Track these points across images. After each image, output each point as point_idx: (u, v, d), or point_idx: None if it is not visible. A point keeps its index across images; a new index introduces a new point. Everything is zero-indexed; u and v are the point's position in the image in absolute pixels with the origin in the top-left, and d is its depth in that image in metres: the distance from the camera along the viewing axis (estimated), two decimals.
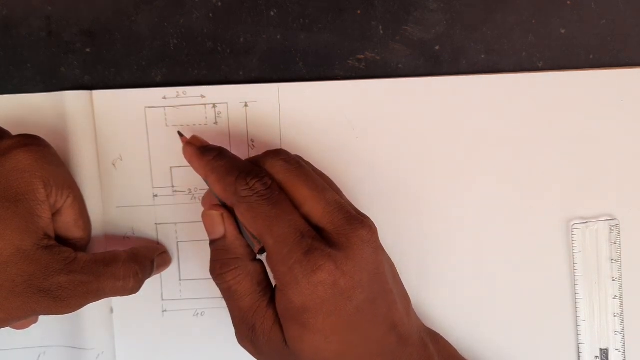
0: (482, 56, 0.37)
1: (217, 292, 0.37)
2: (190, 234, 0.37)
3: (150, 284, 0.36)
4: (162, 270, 0.36)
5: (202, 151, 0.31)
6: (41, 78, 0.36)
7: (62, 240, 0.32)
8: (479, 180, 0.37)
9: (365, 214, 0.30)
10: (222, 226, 0.31)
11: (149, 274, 0.33)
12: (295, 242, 0.28)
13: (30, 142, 0.30)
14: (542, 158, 0.37)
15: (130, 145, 0.36)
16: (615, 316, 0.37)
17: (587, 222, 0.37)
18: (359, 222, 0.29)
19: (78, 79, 0.36)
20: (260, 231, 0.29)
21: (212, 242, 0.31)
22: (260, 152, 0.31)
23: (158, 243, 0.37)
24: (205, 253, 0.37)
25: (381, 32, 0.36)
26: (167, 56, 0.36)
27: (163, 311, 0.37)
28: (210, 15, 0.36)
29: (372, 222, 0.30)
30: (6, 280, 0.28)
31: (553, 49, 0.36)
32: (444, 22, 0.36)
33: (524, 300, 0.37)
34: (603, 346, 0.37)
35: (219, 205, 0.31)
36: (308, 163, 0.32)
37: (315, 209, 0.29)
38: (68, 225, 0.32)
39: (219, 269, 0.31)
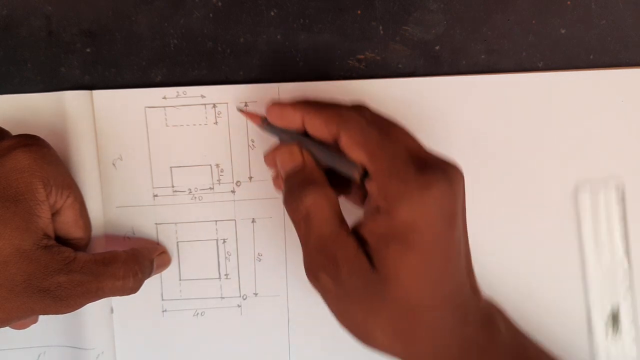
0: (482, 56, 0.37)
1: (216, 291, 0.37)
2: (190, 234, 0.37)
3: (150, 284, 0.36)
4: (161, 270, 0.36)
5: (285, 102, 0.31)
6: (41, 78, 0.36)
7: (62, 240, 0.32)
8: (478, 181, 0.37)
9: None
10: (301, 156, 0.31)
11: (148, 274, 0.33)
12: (409, 160, 0.28)
13: (30, 142, 0.30)
14: (542, 158, 0.37)
15: (130, 145, 0.36)
16: (624, 274, 0.36)
17: (594, 182, 0.36)
18: (450, 159, 0.30)
19: (78, 79, 0.36)
20: (371, 149, 0.29)
21: (288, 175, 0.31)
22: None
23: (158, 243, 0.37)
24: (205, 253, 0.37)
25: (381, 32, 0.36)
26: (167, 56, 0.36)
27: (163, 311, 0.37)
28: (211, 15, 0.36)
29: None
30: (6, 279, 0.28)
31: (553, 49, 0.36)
32: (444, 22, 0.36)
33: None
34: (613, 305, 0.37)
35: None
36: None
37: (413, 143, 0.30)
38: (68, 225, 0.32)
39: (298, 191, 0.29)
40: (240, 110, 0.35)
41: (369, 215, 0.29)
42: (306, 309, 0.37)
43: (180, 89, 0.36)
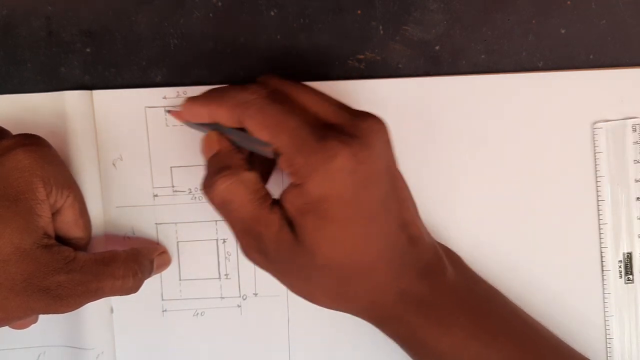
0: (482, 56, 0.37)
1: (217, 291, 0.37)
2: (191, 234, 0.37)
3: (150, 284, 0.36)
4: (161, 270, 0.36)
5: (194, 97, 0.31)
6: (41, 78, 0.36)
7: (62, 240, 0.32)
8: (478, 181, 0.37)
9: None
10: (218, 144, 0.31)
11: (148, 274, 0.33)
12: (309, 132, 0.28)
13: (31, 142, 0.30)
14: (543, 157, 0.37)
15: (130, 145, 0.36)
16: (639, 219, 0.36)
17: (609, 121, 0.36)
18: (367, 114, 0.29)
19: (78, 78, 0.36)
20: (272, 129, 0.28)
21: (206, 164, 0.31)
22: None
23: (158, 243, 0.37)
24: (205, 253, 0.37)
25: (381, 32, 0.36)
26: (167, 56, 0.36)
27: (163, 311, 0.37)
28: (210, 15, 0.36)
29: (380, 117, 0.30)
30: (5, 279, 0.28)
31: (553, 49, 0.37)
32: (444, 22, 0.36)
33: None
34: (626, 250, 0.36)
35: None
36: None
37: (321, 108, 0.30)
38: (68, 224, 0.32)
39: (210, 179, 0.30)
40: (168, 111, 0.35)
41: (288, 188, 0.29)
42: (306, 309, 0.37)
43: (181, 89, 0.36)
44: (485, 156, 0.37)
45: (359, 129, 0.28)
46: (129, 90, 0.36)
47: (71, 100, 0.35)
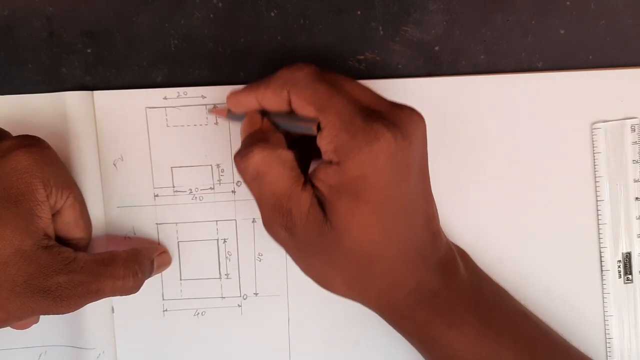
0: (482, 56, 0.37)
1: (217, 291, 0.37)
2: (191, 234, 0.37)
3: (151, 284, 0.37)
4: (162, 270, 0.36)
5: (238, 90, 0.32)
6: (42, 78, 0.36)
7: (62, 241, 0.32)
8: (477, 181, 0.37)
9: None
10: (260, 122, 0.31)
11: (148, 274, 0.33)
12: (356, 111, 0.28)
13: (30, 143, 0.30)
14: (542, 158, 0.37)
15: (131, 146, 0.36)
16: (638, 219, 0.36)
17: (608, 121, 0.36)
18: (406, 105, 0.30)
19: (79, 79, 0.36)
20: (319, 104, 0.28)
21: (244, 137, 0.31)
22: None
23: (158, 243, 0.37)
24: (205, 253, 0.37)
25: (381, 32, 0.36)
26: (167, 57, 0.36)
27: (164, 311, 0.37)
28: (211, 15, 0.36)
29: (418, 110, 0.30)
30: (6, 280, 0.28)
31: (552, 50, 0.37)
32: (444, 22, 0.36)
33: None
34: (626, 250, 0.36)
35: None
36: None
37: (362, 95, 0.30)
38: (68, 225, 0.32)
39: (245, 150, 0.29)
40: (210, 111, 0.36)
41: (322, 166, 0.29)
42: (306, 309, 0.37)
43: (181, 90, 0.36)
44: (484, 156, 0.37)
45: (399, 118, 0.29)
46: (129, 91, 0.36)
47: (72, 101, 0.35)
